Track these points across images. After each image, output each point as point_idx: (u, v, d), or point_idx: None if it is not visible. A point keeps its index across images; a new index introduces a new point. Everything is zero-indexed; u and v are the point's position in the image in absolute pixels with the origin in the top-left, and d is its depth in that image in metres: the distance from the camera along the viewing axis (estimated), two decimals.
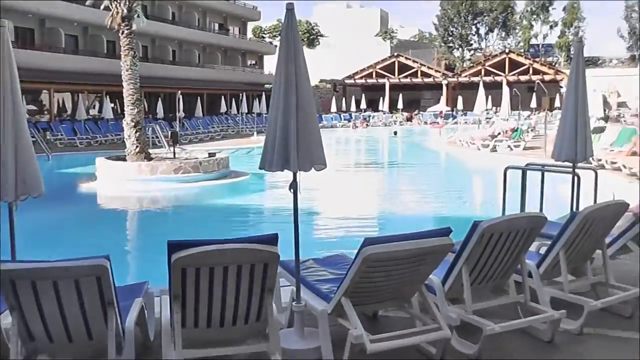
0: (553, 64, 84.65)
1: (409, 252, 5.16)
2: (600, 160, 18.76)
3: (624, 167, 18.60)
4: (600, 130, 23.90)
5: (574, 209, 7.83)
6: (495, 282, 6.06)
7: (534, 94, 56.35)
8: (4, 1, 39.15)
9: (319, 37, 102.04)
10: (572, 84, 7.78)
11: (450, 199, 19.36)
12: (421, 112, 70.05)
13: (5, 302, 4.65)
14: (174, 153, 23.14)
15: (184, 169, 20.88)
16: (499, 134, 32.53)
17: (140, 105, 22.72)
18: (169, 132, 27.60)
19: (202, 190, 20.46)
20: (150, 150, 23.54)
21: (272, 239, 4.86)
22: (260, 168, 5.71)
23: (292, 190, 5.79)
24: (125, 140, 22.63)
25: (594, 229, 6.41)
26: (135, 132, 22.12)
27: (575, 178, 8.25)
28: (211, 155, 22.77)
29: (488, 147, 30.75)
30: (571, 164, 8.02)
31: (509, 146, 30.62)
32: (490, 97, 49.79)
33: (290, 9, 5.67)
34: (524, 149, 30.29)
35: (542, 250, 6.96)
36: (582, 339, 5.97)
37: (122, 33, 22.71)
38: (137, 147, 22.02)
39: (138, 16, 23.68)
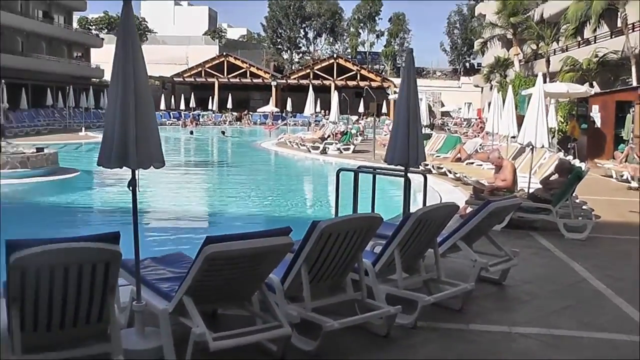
0: (380, 71, 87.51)
1: (250, 251, 5.29)
2: (427, 165, 19.69)
3: (449, 172, 19.65)
4: (427, 137, 25.08)
5: (407, 211, 8.22)
6: (333, 280, 6.30)
7: (362, 99, 58.00)
8: None
9: (147, 33, 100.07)
10: (404, 92, 8.07)
11: (284, 199, 19.57)
12: (250, 113, 70.41)
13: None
14: (0, 147, 22.07)
15: (10, 164, 19.94)
16: (329, 136, 33.31)
17: None
18: None
19: (30, 187, 19.68)
20: None
21: (114, 237, 4.84)
22: (98, 165, 5.60)
23: (130, 188, 5.76)
24: None
25: (427, 229, 6.81)
26: None
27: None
28: (39, 150, 21.84)
29: (318, 149, 31.32)
30: (403, 168, 8.39)
31: (338, 149, 31.39)
32: (319, 100, 50.80)
33: (127, 0, 5.51)
34: (354, 152, 31.20)
35: (377, 250, 7.32)
36: (416, 332, 6.37)
37: None
38: None
39: None
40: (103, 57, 75.34)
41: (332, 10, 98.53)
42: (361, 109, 59.00)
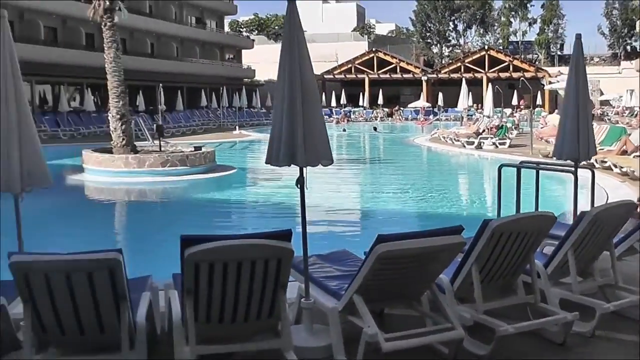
0: (533, 61, 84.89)
1: (422, 250, 5.13)
2: (589, 159, 18.64)
3: (615, 166, 18.38)
4: None
5: (576, 209, 7.79)
6: (504, 282, 6.01)
7: (515, 91, 56.50)
8: None
9: None
10: (573, 81, 7.69)
11: (441, 196, 19.14)
12: (401, 108, 69.92)
13: (20, 295, 4.62)
14: (160, 146, 23.01)
15: (171, 162, 20.74)
16: (484, 131, 32.52)
17: (125, 97, 22.57)
18: (154, 125, 27.42)
19: (190, 184, 20.39)
20: (135, 143, 23.32)
21: (286, 235, 4.81)
22: (266, 163, 5.65)
23: (298, 186, 5.73)
24: (110, 132, 22.42)
25: (602, 230, 6.36)
26: (121, 125, 21.95)
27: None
28: (197, 148, 22.61)
29: (473, 145, 30.70)
30: (573, 163, 7.95)
31: (494, 143, 30.57)
32: (471, 93, 49.91)
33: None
34: (509, 146, 30.33)
35: (547, 251, 6.93)
36: (594, 342, 5.91)
37: (105, 25, 22.48)
38: (123, 139, 21.86)
39: (120, 9, 23.48)
40: (254, 58, 77.35)
41: (482, 1, 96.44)
42: (514, 102, 57.41)
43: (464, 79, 49.16)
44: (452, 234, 5.27)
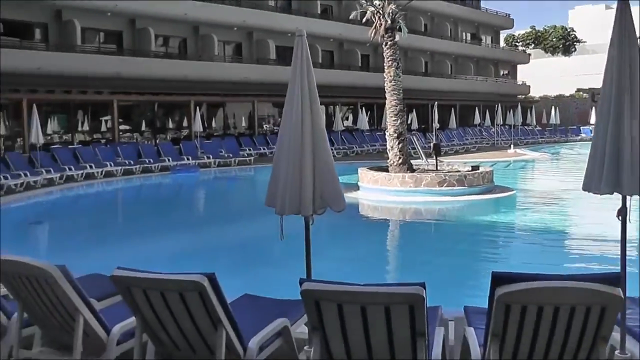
0: None
1: None
2: None
3: None
4: None
5: None
6: None
7: None
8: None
9: (574, 44, 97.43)
10: None
11: None
12: None
13: (309, 322, 4.54)
14: (437, 165, 22.68)
15: (448, 182, 20.26)
16: None
17: (403, 116, 22.55)
18: (430, 144, 27.22)
19: (467, 205, 19.75)
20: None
21: (614, 278, 4.04)
22: (583, 189, 4.94)
23: (619, 218, 4.94)
24: (387, 151, 22.47)
25: None
26: (398, 144, 21.93)
27: None
28: (474, 168, 21.96)
29: None
30: None
31: None
32: None
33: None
34: None
35: None
36: None
37: (386, 44, 22.67)
38: (399, 158, 21.81)
39: (400, 29, 23.56)
40: (528, 72, 75.17)
41: None
42: None
43: None
44: None
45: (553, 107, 60.28)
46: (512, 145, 46.24)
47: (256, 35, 43.89)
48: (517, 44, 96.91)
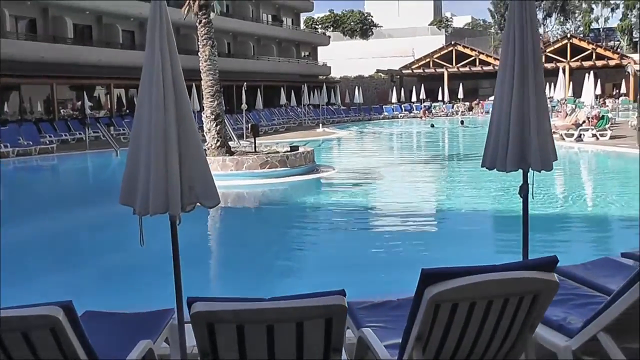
0: (615, 48, 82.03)
1: None
2: None
3: None
4: None
5: None
6: None
7: (598, 80, 54.45)
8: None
9: (372, 28, 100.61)
10: None
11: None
12: (482, 102, 68.19)
13: (199, 348, 3.69)
14: (255, 147, 22.14)
15: (270, 163, 19.86)
16: (583, 122, 30.83)
17: (220, 97, 21.71)
18: (241, 127, 26.69)
19: (292, 186, 19.42)
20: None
21: (551, 263, 3.70)
22: (482, 166, 4.63)
23: (521, 195, 4.67)
24: (204, 134, 21.52)
25: None
26: (216, 126, 21.15)
27: None
28: (294, 148, 21.67)
29: (572, 137, 29.19)
30: None
31: (594, 135, 29.08)
32: (551, 84, 48.34)
33: None
34: (611, 137, 28.74)
35: None
36: None
37: (200, 22, 21.81)
38: (218, 141, 21.06)
39: (213, 10, 22.72)
40: (329, 55, 77.00)
41: None
42: (598, 91, 55.37)
43: (561, 69, 47.57)
44: None
45: (356, 88, 61.85)
46: (320, 125, 46.80)
47: (52, 11, 41.27)
48: (316, 26, 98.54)
